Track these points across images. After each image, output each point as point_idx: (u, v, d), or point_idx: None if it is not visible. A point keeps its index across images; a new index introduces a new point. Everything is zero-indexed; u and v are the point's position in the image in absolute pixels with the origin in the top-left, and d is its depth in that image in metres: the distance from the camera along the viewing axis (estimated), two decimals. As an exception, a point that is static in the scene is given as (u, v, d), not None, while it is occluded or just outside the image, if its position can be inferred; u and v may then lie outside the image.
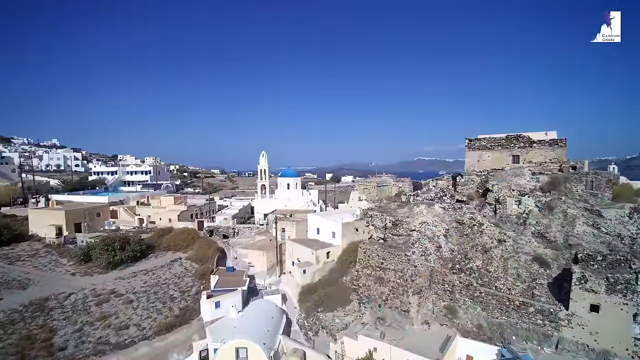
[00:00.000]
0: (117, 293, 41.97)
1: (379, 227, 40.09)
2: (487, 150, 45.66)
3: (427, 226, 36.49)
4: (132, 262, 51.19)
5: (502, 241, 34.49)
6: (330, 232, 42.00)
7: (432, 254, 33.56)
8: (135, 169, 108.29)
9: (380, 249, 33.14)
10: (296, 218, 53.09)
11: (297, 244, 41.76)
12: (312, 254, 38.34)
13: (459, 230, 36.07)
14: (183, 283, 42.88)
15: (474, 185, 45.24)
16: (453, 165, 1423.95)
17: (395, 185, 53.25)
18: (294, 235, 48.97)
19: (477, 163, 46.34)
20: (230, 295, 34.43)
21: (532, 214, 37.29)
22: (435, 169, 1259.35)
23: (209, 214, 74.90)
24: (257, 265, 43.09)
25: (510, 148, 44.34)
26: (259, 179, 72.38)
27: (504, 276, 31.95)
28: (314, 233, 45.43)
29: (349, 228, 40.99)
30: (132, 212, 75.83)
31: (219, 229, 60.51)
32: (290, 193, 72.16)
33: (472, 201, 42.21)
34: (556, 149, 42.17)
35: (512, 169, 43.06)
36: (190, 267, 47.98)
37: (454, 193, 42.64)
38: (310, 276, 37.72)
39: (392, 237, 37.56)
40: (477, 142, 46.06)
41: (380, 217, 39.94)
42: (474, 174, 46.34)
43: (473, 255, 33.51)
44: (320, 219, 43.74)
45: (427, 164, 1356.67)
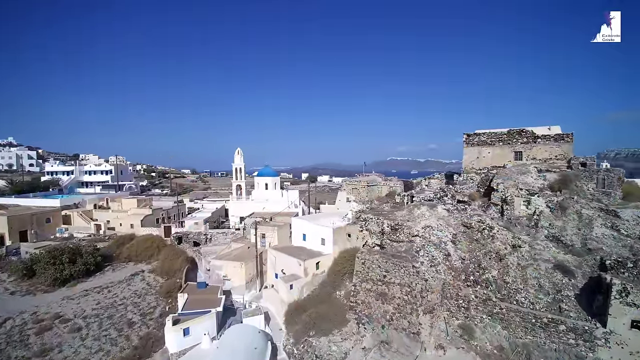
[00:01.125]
0: (62, 318, 34.64)
1: (374, 232, 35.26)
2: (487, 146, 42.08)
3: (432, 231, 32.05)
4: (84, 277, 43.67)
5: (516, 247, 30.60)
6: (318, 239, 36.74)
7: (441, 264, 29.06)
8: (94, 168, 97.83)
9: (382, 260, 28.23)
10: (277, 222, 47.39)
11: (281, 253, 36.15)
12: (299, 265, 32.93)
13: (468, 235, 31.86)
14: (144, 303, 36.07)
15: (474, 184, 41.48)
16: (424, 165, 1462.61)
17: (385, 185, 48.76)
18: (275, 242, 43.28)
19: (476, 160, 42.69)
20: (202, 319, 28.34)
21: (544, 215, 33.78)
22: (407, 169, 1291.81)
23: (177, 218, 67.46)
24: (234, 279, 37.08)
25: (512, 144, 40.96)
26: (234, 179, 65.91)
27: (524, 288, 28.00)
28: (299, 239, 39.95)
29: (341, 234, 35.90)
30: (88, 217, 67.09)
31: (189, 236, 53.63)
32: (269, 194, 66.21)
33: (474, 201, 38.30)
34: (562, 145, 39.12)
35: (516, 166, 39.64)
36: (154, 282, 41.11)
37: (455, 193, 38.58)
38: (297, 291, 32.27)
39: (391, 244, 32.84)
40: (476, 137, 42.39)
41: (376, 221, 35.14)
42: (472, 172, 42.68)
43: (487, 264, 29.32)
44: (307, 224, 38.37)
45: (400, 164, 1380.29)
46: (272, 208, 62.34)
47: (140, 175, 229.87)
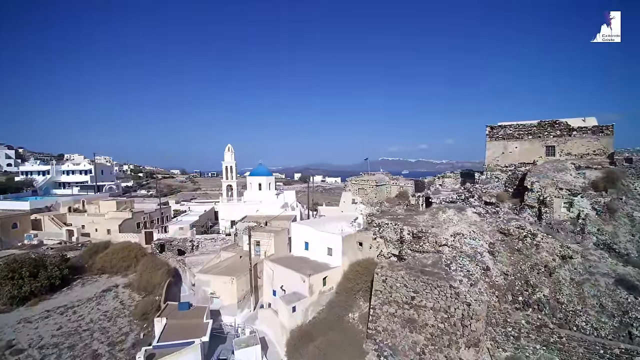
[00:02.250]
0: (15, 348, 28.51)
1: (391, 240, 29.74)
2: (513, 140, 36.97)
3: (463, 239, 26.66)
4: (47, 293, 37.26)
5: (566, 258, 25.43)
6: (324, 248, 31.08)
7: (480, 280, 23.67)
8: (72, 167, 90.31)
9: (408, 277, 22.70)
10: (274, 227, 41.55)
11: (280, 267, 30.38)
12: (302, 281, 27.26)
13: (507, 245, 26.55)
14: (115, 328, 29.93)
15: (500, 183, 36.30)
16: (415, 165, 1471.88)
17: (395, 184, 43.35)
18: (272, 250, 37.46)
19: (502, 156, 37.55)
20: (183, 353, 22.46)
21: (590, 219, 28.71)
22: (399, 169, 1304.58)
23: (161, 222, 61.02)
24: (223, 297, 31.21)
25: (543, 137, 35.92)
26: (224, 178, 59.80)
27: (583, 309, 22.79)
28: (300, 248, 34.22)
29: (351, 242, 30.30)
30: (61, 221, 60.23)
31: (173, 243, 47.43)
32: (263, 195, 60.22)
33: (502, 203, 33.10)
34: (601, 138, 34.17)
35: (549, 162, 34.55)
36: (129, 300, 34.95)
37: (482, 193, 33.33)
38: (301, 314, 26.56)
39: (414, 255, 27.35)
40: (502, 130, 37.25)
41: (393, 227, 29.62)
42: (497, 170, 37.47)
43: (536, 280, 24.03)
44: (310, 230, 32.67)
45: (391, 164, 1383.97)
46: (267, 210, 56.43)
47: (127, 176, 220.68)
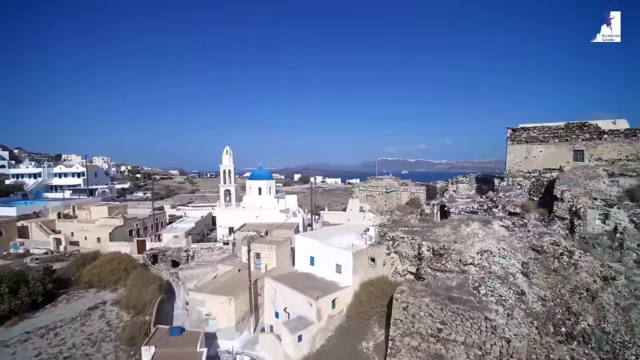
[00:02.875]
0: (-14, 377, 25.34)
1: (408, 256, 26.66)
2: (538, 144, 33.91)
3: (492, 257, 23.57)
4: (29, 311, 34.11)
5: (608, 279, 22.39)
6: (331, 265, 27.98)
7: (516, 308, 20.59)
8: (64, 170, 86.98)
9: (434, 305, 19.61)
10: (275, 237, 38.46)
11: (283, 286, 27.25)
12: (309, 305, 24.17)
13: (542, 264, 23.47)
14: (99, 355, 26.70)
15: (523, 190, 33.23)
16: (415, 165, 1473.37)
17: (405, 190, 40.28)
18: (273, 264, 34.38)
19: (524, 161, 34.48)
20: (174, 392, 19.35)
21: (628, 232, 25.66)
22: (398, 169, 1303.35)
23: (155, 228, 57.83)
24: (220, 318, 28.09)
25: (570, 140, 32.88)
26: (222, 182, 56.59)
27: (632, 340, 19.80)
28: (305, 263, 31.10)
29: (362, 258, 27.21)
30: (49, 228, 57.06)
31: (166, 253, 44.25)
32: (263, 200, 57.06)
33: (528, 213, 30.06)
34: (635, 142, 31.14)
35: (578, 168, 31.50)
36: (117, 320, 31.74)
37: (506, 203, 30.27)
38: (308, 343, 23.46)
39: (434, 274, 24.27)
40: (524, 132, 34.19)
41: (410, 242, 26.54)
42: (519, 176, 34.39)
43: (579, 307, 20.95)
44: (316, 244, 29.56)
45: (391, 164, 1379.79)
46: (267, 217, 53.32)
47: (124, 177, 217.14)
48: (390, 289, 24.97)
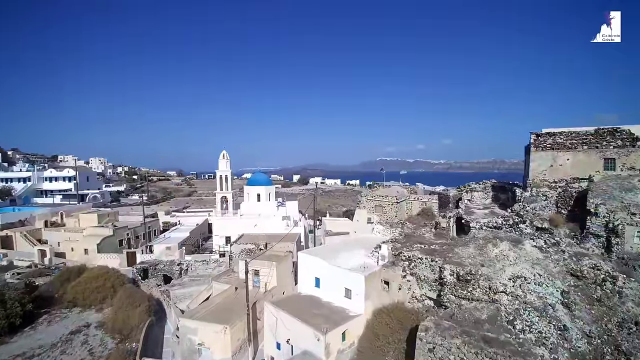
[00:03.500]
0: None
1: (427, 279, 23.63)
2: (565, 151, 30.85)
3: (527, 284, 20.52)
4: (6, 335, 30.99)
5: (661, 312, 19.33)
6: (340, 288, 24.87)
7: (559, 347, 17.53)
8: (55, 174, 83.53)
9: (467, 348, 16.52)
10: (275, 251, 35.30)
11: (286, 314, 24.10)
12: (316, 339, 21.08)
13: (583, 292, 20.41)
14: (76, 394, 23.63)
15: (549, 202, 30.15)
16: (413, 165, 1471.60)
17: (417, 200, 37.20)
18: (274, 282, 31.28)
19: (550, 169, 31.40)
20: None
21: (675, 254, 22.71)
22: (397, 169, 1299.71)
23: (148, 237, 54.60)
24: (214, 348, 24.97)
25: (601, 147, 29.82)
26: (219, 189, 53.36)
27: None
28: (309, 284, 27.96)
29: (375, 282, 24.10)
30: (35, 237, 53.83)
31: (158, 267, 41.06)
32: (262, 207, 53.92)
33: (557, 229, 27.01)
34: (673, 150, 28.11)
35: (609, 178, 28.47)
36: (101, 347, 28.51)
37: (532, 217, 27.19)
38: (316, 384, 20.39)
39: (460, 303, 21.19)
40: (550, 138, 31.11)
41: (429, 264, 23.46)
42: (544, 186, 31.31)
43: (630, 344, 17.88)
44: (321, 263, 26.43)
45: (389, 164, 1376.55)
46: (266, 225, 50.18)
47: (121, 178, 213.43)
48: (408, 318, 21.93)
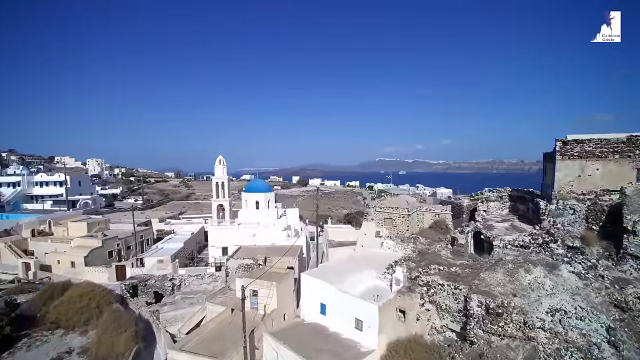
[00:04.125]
0: None
1: (449, 309, 20.77)
2: (594, 160, 28.02)
3: (567, 319, 17.65)
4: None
5: None
6: (350, 318, 21.97)
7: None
8: (45, 178, 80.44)
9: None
10: (276, 268, 32.41)
11: (288, 350, 21.15)
12: (325, 383, 18.24)
13: (630, 327, 17.55)
14: None
15: (578, 217, 27.29)
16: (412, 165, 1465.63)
17: (429, 211, 34.34)
18: (274, 304, 28.47)
19: (577, 180, 28.55)
20: None
21: None
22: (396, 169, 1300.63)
23: (140, 247, 51.64)
24: (208, 386, 22.16)
25: (634, 156, 27.04)
26: (215, 196, 50.40)
27: None
28: (314, 311, 25.05)
29: (389, 311, 21.23)
30: (21, 248, 50.82)
31: (148, 282, 38.11)
32: (261, 215, 51.05)
33: (589, 247, 24.16)
34: None
35: (644, 190, 25.66)
36: (82, 379, 25.67)
37: (564, 235, 24.34)
38: None
39: (489, 339, 18.31)
40: (578, 146, 28.26)
41: (452, 291, 20.60)
42: (572, 198, 28.45)
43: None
44: (328, 288, 23.51)
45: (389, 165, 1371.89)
46: (266, 235, 47.30)
47: (118, 180, 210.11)
48: (429, 357, 19.04)
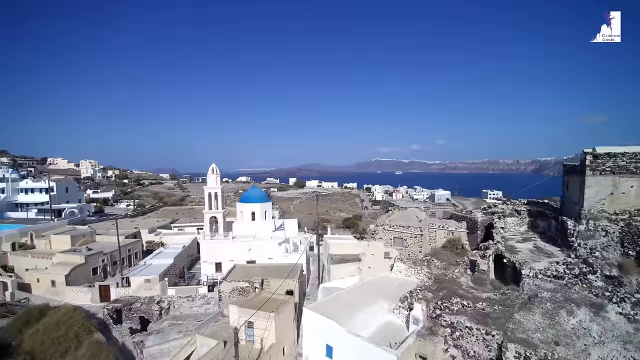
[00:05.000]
0: None
1: (477, 356, 17.75)
2: (629, 176, 25.16)
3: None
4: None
5: None
6: (360, 363, 18.98)
7: None
8: (30, 184, 76.51)
9: None
10: (273, 293, 29.27)
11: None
12: None
13: None
14: None
15: (611, 240, 24.45)
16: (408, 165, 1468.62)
17: (442, 228, 31.39)
18: (272, 338, 25.41)
19: (610, 198, 25.66)
20: None
21: None
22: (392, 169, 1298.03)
23: (128, 262, 48.25)
24: None
25: (674, 172, 24.26)
26: (207, 208, 47.03)
27: None
28: (319, 352, 21.98)
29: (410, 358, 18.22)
30: (1, 263, 47.27)
31: (134, 306, 34.85)
32: (257, 227, 47.83)
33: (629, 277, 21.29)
34: None
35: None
36: None
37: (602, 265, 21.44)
38: None
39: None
40: (610, 160, 25.40)
41: (482, 337, 17.61)
42: (604, 218, 25.58)
43: None
44: (333, 327, 20.45)
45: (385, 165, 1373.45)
46: (262, 249, 44.24)
47: (111, 182, 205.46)
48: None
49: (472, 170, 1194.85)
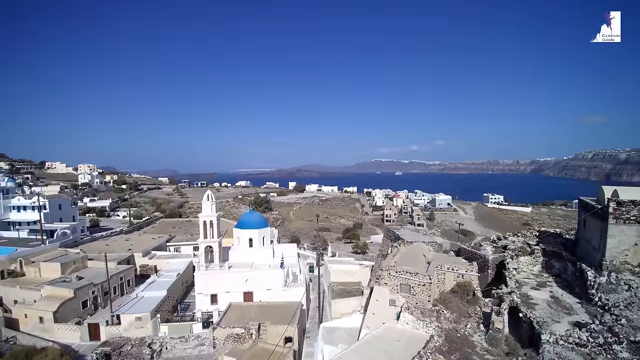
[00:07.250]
0: None
1: None
2: (655, 225, 23.31)
3: None
4: None
5: None
6: None
7: None
8: (22, 202, 74.37)
9: None
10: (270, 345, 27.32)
11: None
12: None
13: None
14: None
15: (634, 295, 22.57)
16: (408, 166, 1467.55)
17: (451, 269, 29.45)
18: (270, 398, 23.42)
19: (634, 249, 23.80)
20: None
21: None
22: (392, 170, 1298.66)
23: (120, 291, 46.33)
24: None
25: None
26: (202, 237, 44.90)
27: None
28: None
29: None
30: (-13, 293, 45.28)
31: (124, 349, 32.90)
32: (255, 255, 45.87)
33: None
34: None
35: None
36: None
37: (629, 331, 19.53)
38: None
39: None
40: (636, 208, 23.49)
41: None
42: (627, 270, 23.75)
43: None
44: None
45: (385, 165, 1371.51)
46: (259, 280, 42.31)
47: (109, 188, 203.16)
48: None
49: (472, 170, 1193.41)
